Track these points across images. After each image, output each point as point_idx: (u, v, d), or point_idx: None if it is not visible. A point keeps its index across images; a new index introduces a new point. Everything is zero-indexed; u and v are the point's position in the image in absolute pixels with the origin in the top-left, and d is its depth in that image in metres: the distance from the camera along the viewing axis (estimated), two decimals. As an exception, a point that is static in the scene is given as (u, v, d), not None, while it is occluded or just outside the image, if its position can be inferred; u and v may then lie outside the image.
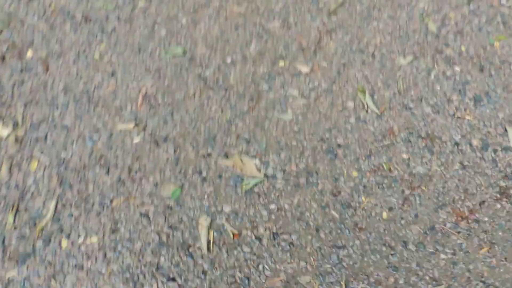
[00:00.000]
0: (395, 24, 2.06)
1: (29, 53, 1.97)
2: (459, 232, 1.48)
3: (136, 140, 1.72)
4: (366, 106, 1.79)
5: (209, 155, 1.68)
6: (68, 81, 1.88)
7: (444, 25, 2.05)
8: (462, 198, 1.55)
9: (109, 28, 2.07)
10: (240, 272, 1.47)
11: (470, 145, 1.67)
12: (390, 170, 1.62)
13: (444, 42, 1.99)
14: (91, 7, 2.15)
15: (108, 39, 2.03)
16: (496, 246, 1.48)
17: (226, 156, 1.67)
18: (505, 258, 1.46)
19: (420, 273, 1.44)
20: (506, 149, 1.67)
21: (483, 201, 1.54)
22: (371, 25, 2.06)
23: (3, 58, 1.94)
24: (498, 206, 1.55)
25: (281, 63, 1.94)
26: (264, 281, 1.45)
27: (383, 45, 1.99)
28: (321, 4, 2.15)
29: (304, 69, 1.92)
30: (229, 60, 1.96)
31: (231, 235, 1.50)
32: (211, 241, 1.49)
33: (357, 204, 1.55)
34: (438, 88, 1.84)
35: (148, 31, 2.06)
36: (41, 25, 2.07)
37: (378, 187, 1.59)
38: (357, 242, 1.47)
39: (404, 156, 1.65)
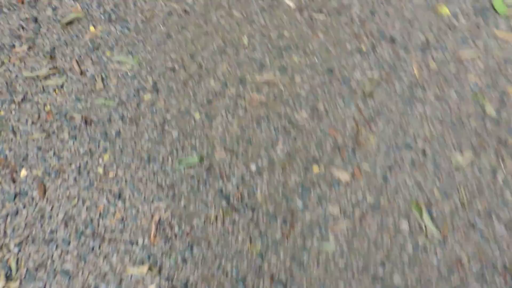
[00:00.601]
0: (444, 108, 1.69)
1: (23, 172, 1.66)
2: None
3: (151, 288, 1.39)
4: (424, 227, 1.43)
5: (239, 307, 1.35)
6: (69, 208, 1.56)
7: (503, 105, 1.67)
8: None
9: (113, 132, 1.74)
10: None
11: (561, 280, 1.31)
12: (464, 321, 1.27)
13: (507, 128, 1.62)
14: (91, 105, 1.82)
15: (113, 147, 1.70)
16: None
17: (261, 308, 1.34)
18: None
19: None
20: None
21: None
22: (416, 110, 1.70)
23: (-6, 181, 1.63)
24: None
25: (315, 169, 1.59)
26: None
27: (434, 137, 1.63)
28: (353, 85, 1.79)
29: (344, 176, 1.57)
30: (253, 168, 1.62)
31: None
32: None
33: None
34: (509, 197, 1.48)
35: (157, 133, 1.73)
36: (36, 133, 1.75)
37: None
38: None
39: (480, 300, 1.30)
